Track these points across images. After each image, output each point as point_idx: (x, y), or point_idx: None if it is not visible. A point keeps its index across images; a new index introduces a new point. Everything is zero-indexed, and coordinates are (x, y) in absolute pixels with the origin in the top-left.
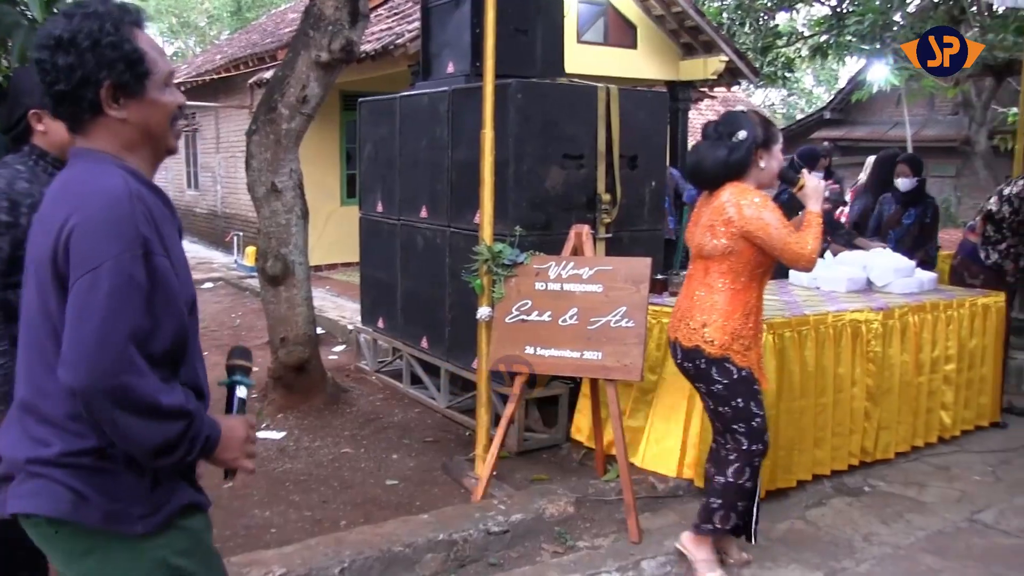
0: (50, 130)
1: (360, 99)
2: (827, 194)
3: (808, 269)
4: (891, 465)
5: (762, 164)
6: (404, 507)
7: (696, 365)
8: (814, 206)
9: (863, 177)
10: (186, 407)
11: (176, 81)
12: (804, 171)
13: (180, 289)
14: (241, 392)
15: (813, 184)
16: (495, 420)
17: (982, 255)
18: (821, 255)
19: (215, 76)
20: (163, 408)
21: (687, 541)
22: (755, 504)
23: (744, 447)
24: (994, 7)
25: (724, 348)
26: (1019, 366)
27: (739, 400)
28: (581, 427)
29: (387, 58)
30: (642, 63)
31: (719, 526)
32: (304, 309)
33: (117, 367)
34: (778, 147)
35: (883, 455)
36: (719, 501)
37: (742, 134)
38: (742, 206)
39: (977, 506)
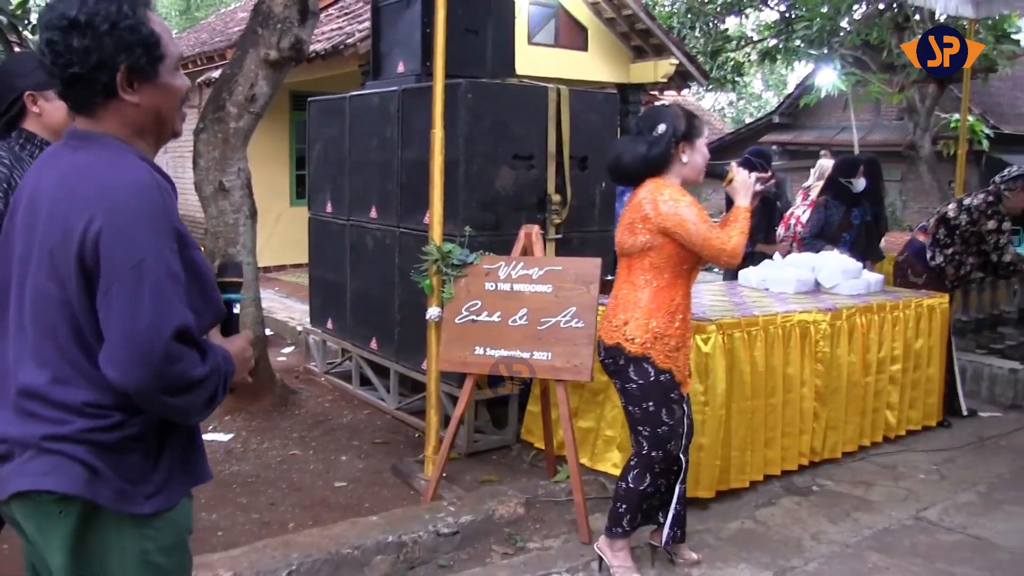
0: (44, 112)
1: (310, 99)
2: (759, 187)
3: (731, 265)
4: (839, 465)
5: (684, 158)
6: (353, 509)
7: (615, 362)
8: (742, 200)
9: (812, 180)
10: (216, 364)
11: None
12: (732, 164)
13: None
14: (236, 309)
15: (741, 178)
16: (445, 421)
17: (928, 255)
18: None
19: None
20: (201, 379)
21: (603, 545)
22: (673, 507)
23: (644, 451)
24: (936, 15)
25: (645, 347)
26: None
27: (650, 403)
28: (531, 428)
29: (337, 58)
30: (593, 65)
31: (627, 528)
32: (252, 310)
33: (166, 363)
34: (702, 141)
35: (831, 455)
36: (624, 505)
37: (661, 128)
38: (658, 202)
39: (922, 504)
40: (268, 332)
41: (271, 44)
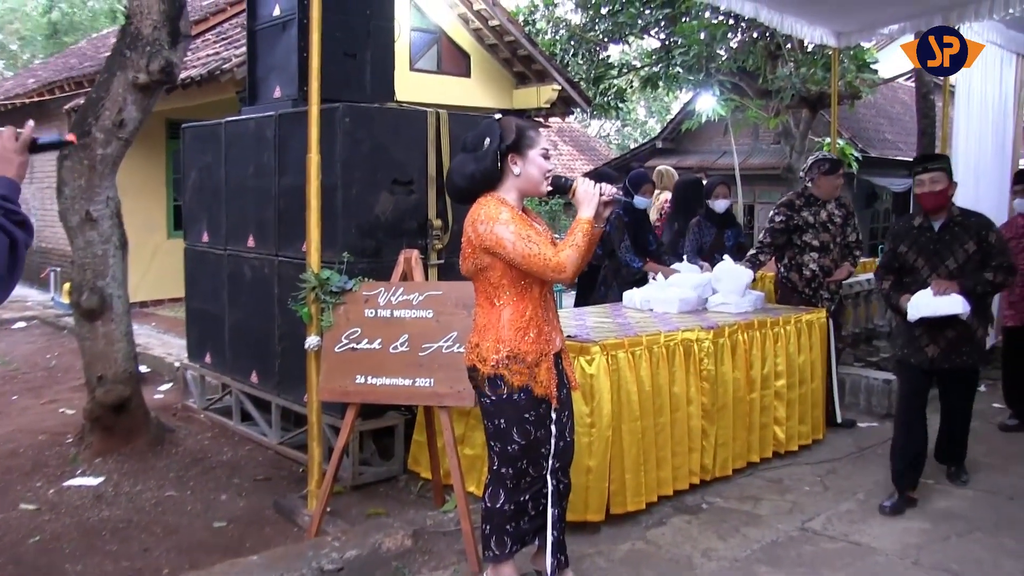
0: None
1: (184, 125)
2: (608, 198)
3: (561, 280)
4: (728, 482)
5: (516, 171)
6: (233, 550)
7: (474, 379)
8: (584, 212)
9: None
10: None
11: None
12: (578, 177)
13: None
14: None
15: (583, 188)
16: (328, 454)
17: (780, 270)
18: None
19: (27, 100)
20: None
21: (491, 574)
22: (550, 533)
23: (494, 467)
24: (804, 44)
25: (496, 367)
26: (840, 379)
27: (501, 420)
28: (418, 458)
29: (214, 84)
30: (476, 91)
31: (496, 552)
32: (124, 345)
33: None
34: (536, 151)
35: (722, 472)
36: (487, 526)
37: (487, 142)
38: (476, 223)
39: (807, 515)
40: (144, 369)
41: (140, 67)
